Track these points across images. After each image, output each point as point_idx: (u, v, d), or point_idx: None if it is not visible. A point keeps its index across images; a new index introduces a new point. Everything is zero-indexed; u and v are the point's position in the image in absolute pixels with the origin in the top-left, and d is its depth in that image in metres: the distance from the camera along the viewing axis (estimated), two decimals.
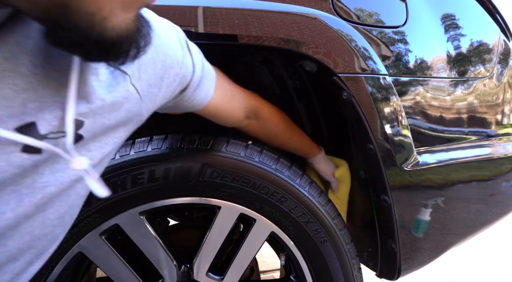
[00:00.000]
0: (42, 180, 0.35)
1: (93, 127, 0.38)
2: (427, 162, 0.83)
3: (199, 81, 0.58)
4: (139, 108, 0.45)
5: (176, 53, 0.50)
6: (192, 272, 0.76)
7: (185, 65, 0.52)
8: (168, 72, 0.49)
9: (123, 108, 0.42)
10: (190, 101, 0.59)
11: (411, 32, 0.81)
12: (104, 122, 0.39)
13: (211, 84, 0.62)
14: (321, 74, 0.76)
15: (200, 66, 0.57)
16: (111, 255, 0.70)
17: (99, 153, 0.41)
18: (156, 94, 0.48)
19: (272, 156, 0.76)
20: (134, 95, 0.43)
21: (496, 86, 0.95)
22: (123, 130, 0.45)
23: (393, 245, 0.85)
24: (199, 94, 0.59)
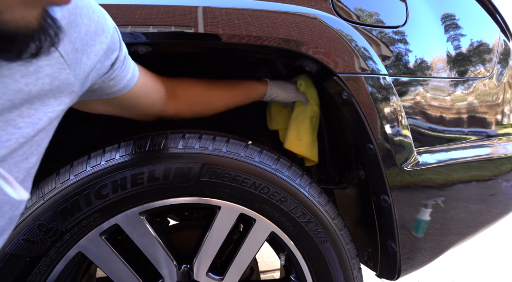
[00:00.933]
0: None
1: (7, 93, 0.33)
2: (427, 162, 0.83)
3: (125, 59, 0.55)
4: (66, 76, 0.41)
5: (101, 19, 0.48)
6: (192, 272, 0.76)
7: (111, 36, 0.50)
8: (93, 39, 0.46)
9: (44, 72, 0.37)
10: (117, 81, 0.56)
11: (411, 32, 0.81)
12: (20, 87, 0.35)
13: (135, 66, 0.60)
14: (321, 74, 0.76)
15: (123, 44, 0.55)
16: (111, 255, 0.70)
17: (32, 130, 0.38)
18: (84, 62, 0.45)
19: (272, 156, 0.76)
20: (57, 58, 0.39)
21: (496, 86, 0.95)
22: (54, 103, 0.40)
23: (393, 245, 0.85)
24: (126, 74, 0.57)
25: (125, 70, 0.56)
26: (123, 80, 0.57)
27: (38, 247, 0.65)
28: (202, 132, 0.74)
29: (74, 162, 0.69)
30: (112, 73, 0.54)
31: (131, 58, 0.59)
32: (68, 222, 0.66)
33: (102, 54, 0.49)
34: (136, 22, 0.62)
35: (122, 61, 0.55)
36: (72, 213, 0.66)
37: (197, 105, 0.76)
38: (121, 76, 0.56)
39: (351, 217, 1.01)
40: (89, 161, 0.68)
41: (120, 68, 0.55)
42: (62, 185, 0.65)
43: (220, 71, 1.00)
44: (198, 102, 0.76)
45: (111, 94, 0.58)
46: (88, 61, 0.45)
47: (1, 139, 0.34)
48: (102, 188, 0.67)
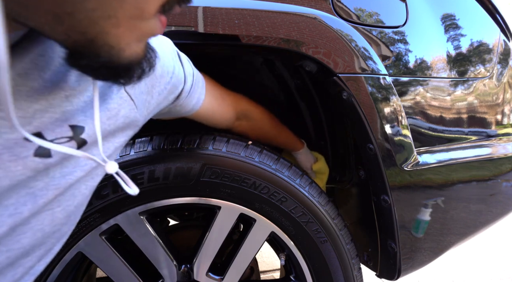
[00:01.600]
0: (54, 182, 0.39)
1: (95, 133, 0.41)
2: (427, 162, 0.83)
3: (190, 89, 0.62)
4: (134, 114, 0.49)
5: (166, 64, 0.55)
6: (192, 272, 0.76)
7: (175, 75, 0.57)
8: (159, 81, 0.53)
9: (120, 114, 0.46)
10: (183, 107, 0.64)
11: (411, 32, 0.81)
12: (104, 128, 0.43)
13: (202, 91, 0.67)
14: (321, 74, 0.76)
15: (190, 75, 0.62)
16: (111, 255, 0.70)
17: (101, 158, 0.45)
18: (149, 101, 0.52)
19: (272, 156, 0.76)
20: (128, 102, 0.47)
21: (496, 86, 0.95)
22: (121, 136, 0.48)
23: (393, 245, 0.85)
24: (191, 101, 0.64)
25: (191, 97, 0.64)
26: (188, 106, 0.64)
27: None
28: (203, 133, 0.74)
29: None
30: (178, 103, 0.61)
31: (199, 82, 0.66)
32: None
33: (166, 93, 0.56)
34: None
35: (188, 91, 0.62)
36: None
37: (256, 130, 0.85)
38: (186, 103, 0.63)
39: (351, 217, 1.01)
40: None
41: (186, 97, 0.62)
42: None
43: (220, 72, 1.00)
44: (260, 130, 0.85)
45: (176, 115, 0.66)
46: (152, 101, 0.53)
47: (80, 164, 0.42)
48: (102, 188, 0.67)
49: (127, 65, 0.34)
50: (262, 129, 0.85)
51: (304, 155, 0.98)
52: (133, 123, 0.49)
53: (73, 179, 0.41)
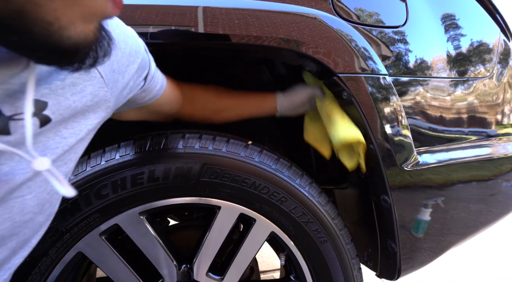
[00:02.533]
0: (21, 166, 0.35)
1: (59, 109, 0.38)
2: (427, 162, 0.83)
3: (154, 73, 0.61)
4: (104, 93, 0.46)
5: (133, 43, 0.53)
6: (192, 272, 0.76)
7: (141, 55, 0.55)
8: (128, 60, 0.52)
9: (87, 91, 0.42)
10: (148, 92, 0.62)
11: (411, 32, 0.81)
12: (69, 104, 0.40)
13: (162, 76, 0.66)
14: (321, 74, 0.76)
15: (152, 60, 0.60)
16: (111, 255, 0.70)
17: (74, 139, 0.42)
18: (119, 81, 0.50)
19: (272, 156, 0.76)
20: (98, 79, 0.44)
21: (496, 86, 0.95)
22: (93, 117, 0.45)
23: (393, 245, 0.85)
24: (155, 85, 0.63)
25: (154, 83, 0.62)
26: (152, 91, 0.63)
27: (38, 247, 0.65)
28: (202, 133, 0.74)
29: None
30: (143, 87, 0.60)
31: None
32: (68, 222, 0.66)
33: (134, 73, 0.54)
34: (137, 22, 0.62)
35: (152, 76, 0.61)
36: (72, 213, 0.66)
37: (209, 111, 0.81)
38: (151, 88, 0.62)
39: (351, 217, 1.01)
40: (89, 161, 0.68)
41: (150, 81, 0.61)
42: None
43: (220, 72, 1.00)
44: (210, 108, 0.81)
45: (141, 104, 0.64)
46: (122, 80, 0.51)
47: (51, 147, 0.39)
48: (102, 188, 0.67)
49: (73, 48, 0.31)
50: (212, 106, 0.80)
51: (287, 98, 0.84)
52: (103, 103, 0.46)
53: None
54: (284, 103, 0.85)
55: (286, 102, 0.85)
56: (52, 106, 0.37)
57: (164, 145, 0.71)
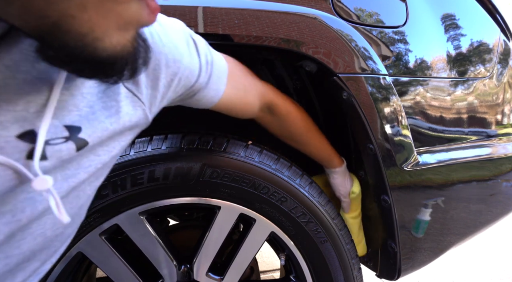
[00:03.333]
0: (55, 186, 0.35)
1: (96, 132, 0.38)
2: (427, 162, 0.83)
3: (208, 82, 0.56)
4: (142, 111, 0.45)
5: (172, 51, 0.48)
6: (192, 272, 0.76)
7: (184, 65, 0.50)
8: (164, 72, 0.47)
9: (123, 112, 0.41)
10: (197, 101, 0.58)
11: (411, 32, 0.81)
12: (106, 126, 0.39)
13: (222, 81, 0.59)
14: (321, 74, 0.76)
15: (208, 65, 0.55)
16: (111, 255, 0.70)
17: (108, 157, 0.42)
18: (155, 96, 0.47)
19: (272, 156, 0.76)
20: (131, 98, 0.43)
21: (496, 86, 0.95)
22: (129, 134, 0.45)
23: (393, 245, 0.85)
24: (207, 94, 0.58)
25: (207, 91, 0.57)
26: (202, 99, 0.58)
27: None
28: (202, 133, 0.74)
29: None
30: (190, 96, 0.55)
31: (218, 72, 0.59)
32: None
33: (175, 86, 0.50)
34: None
35: (204, 84, 0.55)
36: None
37: (282, 129, 0.76)
38: (201, 97, 0.57)
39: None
40: None
41: (200, 91, 0.56)
42: None
43: None
44: (286, 129, 0.76)
45: (192, 105, 0.60)
46: (158, 95, 0.47)
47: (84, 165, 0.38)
48: (102, 188, 0.67)
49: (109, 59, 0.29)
50: (289, 129, 0.75)
51: (341, 176, 0.85)
52: (141, 121, 0.45)
53: (76, 182, 0.38)
54: (341, 175, 0.85)
55: (343, 176, 0.85)
56: (87, 130, 0.37)
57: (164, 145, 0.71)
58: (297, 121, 0.75)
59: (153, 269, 0.74)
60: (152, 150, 0.69)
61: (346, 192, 0.87)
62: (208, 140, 0.72)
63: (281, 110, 0.73)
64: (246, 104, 0.67)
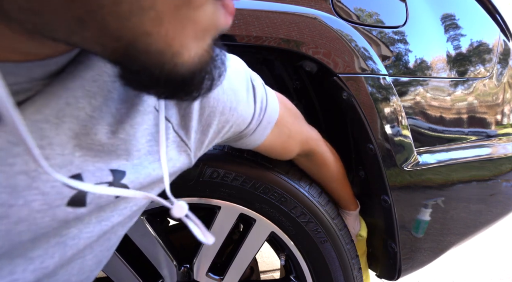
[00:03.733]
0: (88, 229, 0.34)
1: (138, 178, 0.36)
2: (427, 162, 0.83)
3: (256, 128, 0.54)
4: (186, 157, 0.43)
5: (230, 98, 0.45)
6: (192, 272, 0.76)
7: (238, 113, 0.47)
8: (217, 119, 0.44)
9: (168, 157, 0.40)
10: (241, 143, 0.57)
11: (411, 32, 0.81)
12: (149, 172, 0.37)
13: (269, 127, 0.56)
14: (321, 75, 0.76)
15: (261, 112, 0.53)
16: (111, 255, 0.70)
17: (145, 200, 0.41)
18: (202, 141, 0.45)
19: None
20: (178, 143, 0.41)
21: (496, 86, 0.95)
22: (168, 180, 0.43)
23: (393, 245, 0.85)
24: (252, 138, 0.56)
25: (252, 136, 0.55)
26: (245, 143, 0.57)
27: None
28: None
29: None
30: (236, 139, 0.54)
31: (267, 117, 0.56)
32: None
33: (224, 132, 0.48)
34: None
35: (252, 131, 0.53)
36: None
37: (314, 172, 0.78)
38: (244, 141, 0.56)
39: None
40: None
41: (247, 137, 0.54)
42: None
43: None
44: (317, 173, 0.78)
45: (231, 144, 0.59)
46: (206, 140, 0.45)
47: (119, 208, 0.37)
48: None
49: (189, 74, 0.26)
50: (320, 173, 0.78)
51: (353, 219, 0.88)
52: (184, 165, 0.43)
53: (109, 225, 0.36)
54: (353, 219, 0.88)
55: (354, 220, 0.88)
56: (130, 175, 0.35)
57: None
58: (331, 170, 0.77)
59: (153, 269, 0.74)
60: None
61: (353, 234, 0.90)
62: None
63: (318, 159, 0.74)
64: (286, 149, 0.66)
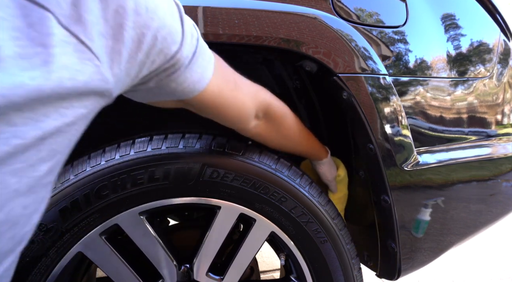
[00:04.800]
0: None
1: (2, 89, 0.26)
2: (427, 162, 0.83)
3: (192, 58, 0.46)
4: (94, 69, 0.32)
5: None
6: (192, 272, 0.76)
7: (162, 22, 0.40)
8: (132, 20, 0.35)
9: (58, 63, 0.29)
10: (180, 83, 0.47)
11: (411, 32, 0.81)
12: (22, 82, 0.27)
13: (209, 66, 0.50)
14: (321, 74, 0.76)
15: (192, 38, 0.46)
16: (111, 255, 0.70)
17: (35, 131, 0.30)
18: (118, 51, 0.35)
19: (272, 156, 0.76)
20: (74, 46, 0.30)
21: (496, 86, 0.95)
22: (79, 105, 0.32)
23: (393, 245, 0.85)
24: (191, 74, 0.47)
25: (191, 70, 0.47)
26: (187, 81, 0.48)
27: (38, 247, 0.65)
28: (202, 133, 0.74)
29: (74, 162, 0.69)
30: (172, 73, 0.45)
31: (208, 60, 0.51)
32: (68, 222, 0.66)
33: (148, 46, 0.39)
34: None
35: (188, 59, 0.46)
36: (72, 213, 0.66)
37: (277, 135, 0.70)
38: (185, 77, 0.47)
39: (351, 217, 1.01)
40: (89, 161, 0.68)
41: (184, 68, 0.46)
42: (62, 185, 0.65)
43: None
44: (281, 134, 0.70)
45: (170, 96, 0.50)
46: (124, 51, 0.36)
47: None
48: (102, 188, 0.67)
49: None
50: (285, 134, 0.71)
51: (328, 165, 0.85)
52: (96, 84, 0.33)
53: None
54: (326, 165, 0.85)
55: (327, 165, 0.85)
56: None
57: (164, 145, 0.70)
58: (293, 123, 0.71)
59: (153, 269, 0.74)
60: (152, 150, 0.69)
61: (333, 177, 0.88)
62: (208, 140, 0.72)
63: (278, 112, 0.67)
64: (239, 101, 0.58)
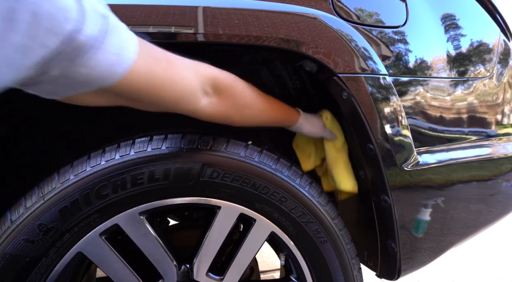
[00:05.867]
0: None
1: None
2: (427, 162, 0.83)
3: (103, 38, 0.41)
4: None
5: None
6: (192, 272, 0.76)
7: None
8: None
9: None
10: (92, 66, 0.41)
11: (411, 32, 0.81)
12: None
13: (128, 45, 0.45)
14: (321, 74, 0.76)
15: (98, 16, 0.41)
16: (111, 255, 0.70)
17: None
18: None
19: (272, 156, 0.76)
20: None
21: (496, 86, 0.95)
22: None
23: (393, 245, 0.85)
24: (106, 56, 0.42)
25: (104, 51, 0.41)
26: (101, 64, 0.42)
27: (38, 247, 0.65)
28: (202, 133, 0.74)
29: (74, 162, 0.69)
30: (75, 54, 0.39)
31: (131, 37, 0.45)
32: (68, 222, 0.66)
33: (26, 19, 0.33)
34: (136, 23, 0.62)
35: (93, 39, 0.40)
36: (72, 213, 0.66)
37: (234, 108, 0.62)
38: (97, 60, 0.41)
39: (351, 217, 1.01)
40: (89, 161, 0.68)
41: (92, 49, 0.40)
42: (62, 185, 0.65)
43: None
44: (237, 107, 0.62)
45: (90, 85, 0.44)
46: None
47: None
48: (102, 188, 0.67)
49: None
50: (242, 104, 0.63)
51: (306, 122, 0.80)
52: None
53: None
54: (305, 123, 0.81)
55: (307, 123, 0.81)
56: None
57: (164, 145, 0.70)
58: (246, 89, 0.64)
59: (153, 269, 0.74)
60: (152, 150, 0.69)
61: (321, 126, 0.83)
62: (208, 140, 0.72)
63: (226, 82, 0.60)
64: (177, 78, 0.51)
